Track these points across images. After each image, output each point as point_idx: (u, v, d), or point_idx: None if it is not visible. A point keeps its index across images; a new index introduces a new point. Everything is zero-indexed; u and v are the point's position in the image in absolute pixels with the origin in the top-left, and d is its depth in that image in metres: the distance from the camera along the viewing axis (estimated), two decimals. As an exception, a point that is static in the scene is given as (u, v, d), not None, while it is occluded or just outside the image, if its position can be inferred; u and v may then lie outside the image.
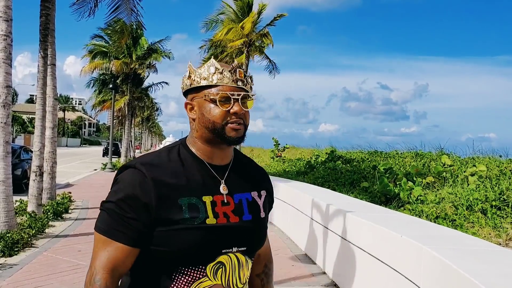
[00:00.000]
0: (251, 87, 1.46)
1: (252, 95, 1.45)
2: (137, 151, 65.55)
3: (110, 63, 31.42)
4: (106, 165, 26.07)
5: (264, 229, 1.57)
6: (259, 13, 27.48)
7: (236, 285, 1.44)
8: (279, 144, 21.25)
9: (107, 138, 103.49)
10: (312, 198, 6.71)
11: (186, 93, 1.50)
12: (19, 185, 13.50)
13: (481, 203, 7.39)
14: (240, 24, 27.21)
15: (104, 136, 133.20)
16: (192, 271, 1.37)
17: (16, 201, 8.33)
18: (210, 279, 1.39)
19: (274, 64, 30.15)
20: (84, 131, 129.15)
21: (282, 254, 7.01)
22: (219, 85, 1.41)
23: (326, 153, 18.32)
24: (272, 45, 28.40)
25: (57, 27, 9.91)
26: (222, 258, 1.41)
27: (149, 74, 38.05)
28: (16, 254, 6.33)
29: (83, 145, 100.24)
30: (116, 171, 1.47)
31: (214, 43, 30.83)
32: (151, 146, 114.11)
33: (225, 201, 1.44)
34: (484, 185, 8.48)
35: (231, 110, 1.40)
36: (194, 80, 1.45)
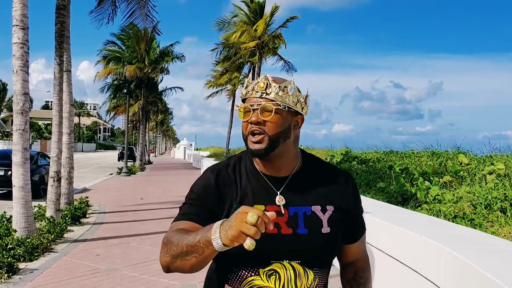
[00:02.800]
0: (281, 96, 1.45)
1: (275, 102, 1.44)
2: (151, 155, 65.94)
3: (123, 68, 31.72)
4: (121, 170, 26.25)
5: (327, 244, 1.50)
6: (272, 14, 27.54)
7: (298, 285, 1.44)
8: (292, 145, 21.19)
9: (122, 143, 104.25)
10: (328, 199, 6.68)
11: None
12: (37, 190, 13.64)
13: (500, 201, 7.30)
14: (254, 26, 27.31)
15: (119, 141, 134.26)
16: (245, 271, 1.44)
17: (34, 206, 8.44)
18: (262, 280, 1.43)
19: (289, 64, 30.21)
20: (99, 136, 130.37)
21: (299, 256, 7.00)
22: (247, 98, 1.49)
23: (341, 153, 18.23)
24: (285, 46, 28.48)
25: (71, 33, 10.04)
26: (275, 266, 1.44)
27: (162, 78, 38.37)
28: (36, 259, 6.41)
29: (99, 150, 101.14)
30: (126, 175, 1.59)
31: (226, 45, 30.96)
32: (166, 149, 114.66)
33: (280, 212, 1.45)
34: (503, 184, 8.37)
35: (249, 120, 1.45)
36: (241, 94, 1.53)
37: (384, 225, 4.48)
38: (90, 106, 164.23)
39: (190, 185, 1.59)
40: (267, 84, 1.45)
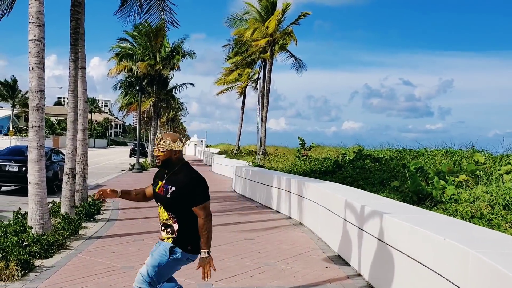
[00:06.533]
0: (166, 143, 3.49)
1: (162, 148, 3.51)
2: (162, 151, 65.88)
3: (135, 65, 31.74)
4: (134, 166, 26.32)
5: (170, 201, 3.44)
6: (283, 11, 27.38)
7: (161, 217, 3.56)
8: (305, 143, 21.06)
9: (133, 139, 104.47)
10: (345, 198, 6.61)
11: None
12: (51, 186, 13.71)
13: (520, 202, 7.16)
14: (266, 23, 27.19)
15: (130, 137, 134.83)
16: (158, 206, 3.60)
17: (48, 203, 8.45)
18: (159, 208, 3.57)
19: (300, 61, 29.97)
20: (111, 132, 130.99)
21: (314, 255, 6.93)
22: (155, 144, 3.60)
23: (354, 151, 18.10)
24: (296, 43, 28.33)
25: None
26: (159, 205, 3.56)
27: (173, 75, 38.30)
28: (51, 256, 6.41)
29: (110, 146, 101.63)
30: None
31: (238, 42, 30.85)
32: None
33: (162, 185, 3.52)
34: (521, 184, 8.22)
35: (155, 154, 3.64)
36: None
37: (405, 226, 4.41)
38: (102, 103, 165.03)
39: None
40: (159, 142, 3.52)
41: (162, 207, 3.49)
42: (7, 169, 14.02)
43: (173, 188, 3.39)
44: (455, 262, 3.35)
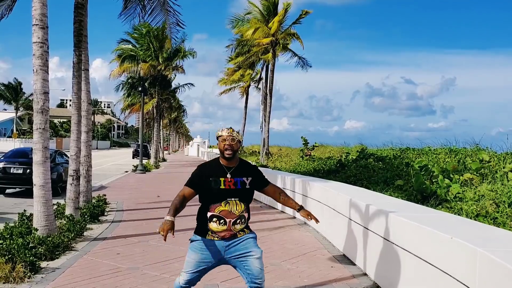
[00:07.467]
0: (237, 133, 3.67)
1: (235, 138, 3.65)
2: (165, 152, 66.16)
3: (138, 66, 31.78)
4: (137, 167, 26.34)
5: (249, 191, 3.70)
6: (285, 11, 27.39)
7: (235, 211, 3.60)
8: (308, 143, 21.08)
9: (135, 140, 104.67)
10: (349, 198, 6.60)
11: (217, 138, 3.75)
12: (55, 188, 13.75)
13: (525, 200, 7.14)
14: (270, 24, 27.22)
15: (132, 138, 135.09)
16: (215, 203, 3.60)
17: (53, 204, 8.46)
18: (223, 207, 3.58)
19: (304, 60, 30.04)
20: (113, 134, 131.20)
21: (319, 255, 6.92)
22: (221, 136, 3.67)
23: (357, 151, 18.09)
24: (303, 47, 28.52)
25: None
26: (228, 201, 3.59)
27: (175, 75, 38.36)
28: (57, 258, 6.42)
29: (113, 147, 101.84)
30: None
31: (240, 42, 30.87)
32: (179, 147, 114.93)
33: (229, 180, 3.61)
34: (526, 182, 8.19)
35: (227, 143, 3.63)
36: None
37: (411, 224, 4.40)
38: (104, 104, 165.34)
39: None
40: (232, 130, 3.66)
41: (235, 200, 3.58)
42: (11, 171, 14.07)
43: (250, 178, 3.68)
44: (462, 261, 3.34)
